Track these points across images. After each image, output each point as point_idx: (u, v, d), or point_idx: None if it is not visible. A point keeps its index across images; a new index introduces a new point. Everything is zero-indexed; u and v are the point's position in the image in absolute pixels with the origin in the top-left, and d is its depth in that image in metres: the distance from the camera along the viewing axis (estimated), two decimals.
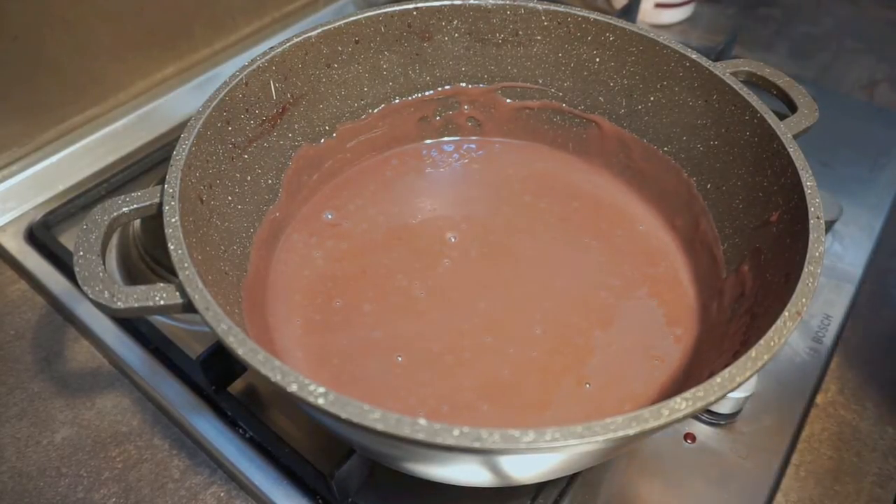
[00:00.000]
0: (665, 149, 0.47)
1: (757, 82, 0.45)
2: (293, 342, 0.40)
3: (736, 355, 0.30)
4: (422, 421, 0.25)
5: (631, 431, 0.25)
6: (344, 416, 0.25)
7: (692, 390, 0.27)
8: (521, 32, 0.47)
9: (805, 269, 0.32)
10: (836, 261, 0.54)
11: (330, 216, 0.47)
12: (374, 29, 0.46)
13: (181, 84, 0.63)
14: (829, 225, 0.53)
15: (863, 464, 0.43)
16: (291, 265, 0.44)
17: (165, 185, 0.34)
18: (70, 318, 0.49)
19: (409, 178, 0.51)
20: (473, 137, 0.53)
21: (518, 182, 0.50)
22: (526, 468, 0.33)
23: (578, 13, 0.46)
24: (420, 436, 0.25)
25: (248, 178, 0.42)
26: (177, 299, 0.31)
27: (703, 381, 0.27)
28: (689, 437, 0.43)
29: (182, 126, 0.37)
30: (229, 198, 0.40)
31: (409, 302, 0.43)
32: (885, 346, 0.50)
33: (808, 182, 0.36)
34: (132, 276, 0.51)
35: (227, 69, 0.66)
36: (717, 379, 0.27)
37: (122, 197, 0.34)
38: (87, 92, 0.58)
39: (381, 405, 0.25)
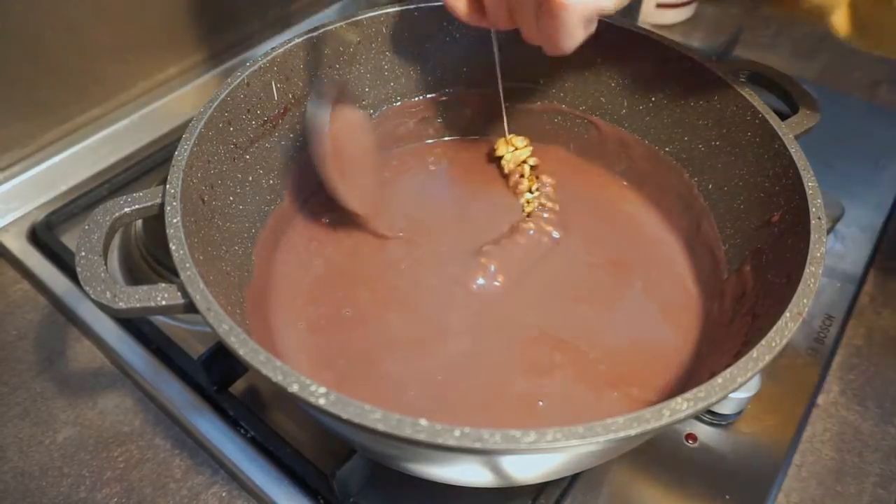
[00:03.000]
0: (666, 149, 0.47)
1: (758, 82, 0.45)
2: (296, 343, 0.41)
3: (737, 356, 0.30)
4: (423, 421, 0.25)
5: (632, 432, 0.25)
6: (345, 416, 0.25)
7: (693, 391, 0.27)
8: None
9: (806, 270, 0.32)
10: (837, 261, 0.54)
11: (332, 217, 0.47)
12: (376, 29, 0.46)
13: (183, 84, 0.64)
14: (831, 225, 0.53)
15: (864, 464, 0.43)
16: (293, 266, 0.44)
17: (167, 186, 0.34)
18: (72, 318, 0.49)
19: (410, 178, 0.51)
20: (474, 138, 0.53)
21: (545, 188, 0.50)
22: (527, 468, 0.33)
23: None
24: (421, 436, 0.25)
25: (250, 178, 0.42)
26: (178, 300, 0.31)
27: (705, 382, 0.27)
28: (691, 437, 0.43)
29: (184, 126, 0.37)
30: (231, 198, 0.40)
31: (411, 301, 0.43)
32: (886, 346, 0.50)
33: (810, 182, 0.36)
34: (134, 276, 0.51)
35: (229, 70, 0.66)
36: (719, 379, 0.27)
37: (124, 197, 0.35)
38: (89, 92, 0.58)
39: (383, 405, 0.25)
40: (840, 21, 0.36)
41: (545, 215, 0.48)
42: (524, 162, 0.49)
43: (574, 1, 0.31)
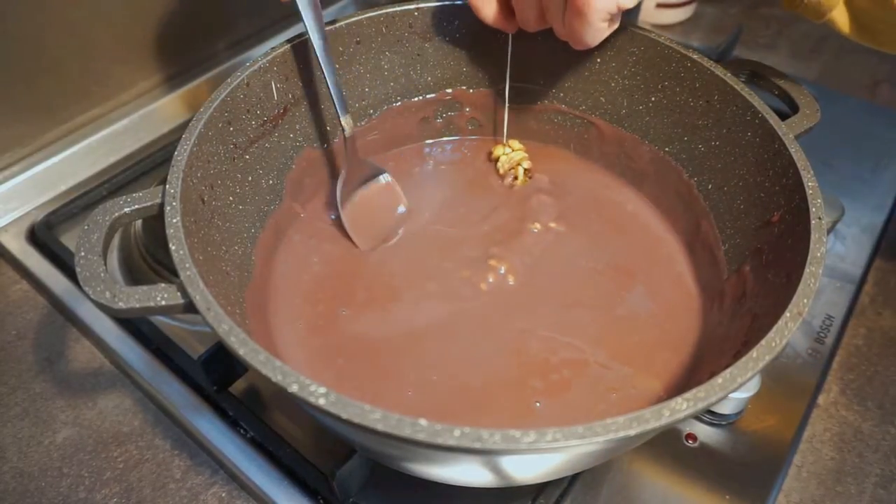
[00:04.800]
0: (666, 149, 0.47)
1: (758, 82, 0.45)
2: (295, 343, 0.40)
3: (737, 356, 0.30)
4: (422, 421, 0.25)
5: (632, 432, 0.25)
6: (345, 416, 0.25)
7: (693, 391, 0.27)
8: (522, 33, 0.47)
9: (806, 270, 0.32)
10: (837, 261, 0.54)
11: (332, 217, 0.47)
12: (376, 29, 0.46)
13: (182, 85, 0.64)
14: (831, 225, 0.53)
15: (865, 464, 0.43)
16: (294, 266, 0.44)
17: (167, 186, 0.34)
18: (71, 318, 0.49)
19: (410, 178, 0.51)
20: (474, 138, 0.53)
21: (541, 184, 0.50)
22: (527, 468, 0.33)
23: None
24: (421, 436, 0.25)
25: (250, 178, 0.42)
26: (178, 300, 0.31)
27: (704, 382, 0.27)
28: (691, 437, 0.43)
29: (183, 127, 0.37)
30: (230, 198, 0.40)
31: (413, 301, 0.43)
32: (886, 346, 0.50)
33: (810, 182, 0.36)
34: (133, 276, 0.51)
35: (229, 70, 0.66)
36: (718, 380, 0.27)
37: (124, 197, 0.35)
38: (89, 93, 0.58)
39: (384, 405, 0.25)
40: (840, 18, 0.37)
41: (545, 204, 0.48)
42: (518, 164, 0.50)
43: None
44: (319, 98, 0.46)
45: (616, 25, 0.38)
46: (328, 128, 0.48)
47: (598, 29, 0.36)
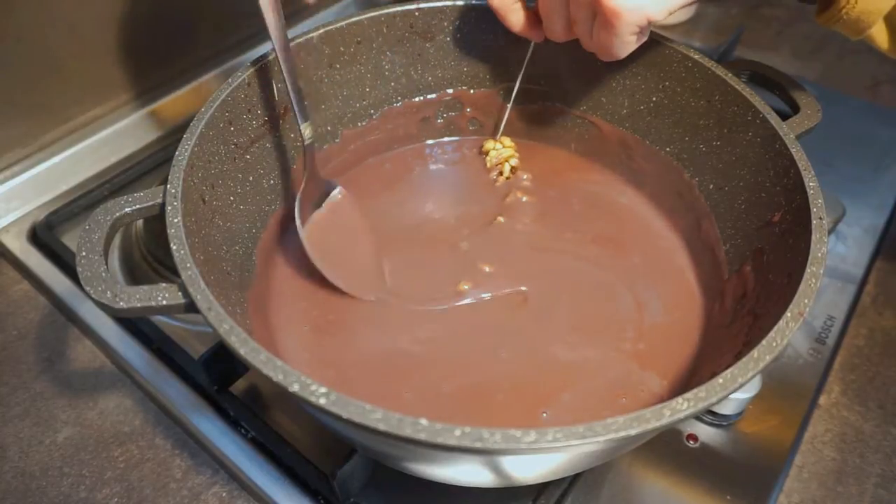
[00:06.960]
0: (667, 149, 0.47)
1: (760, 83, 0.45)
2: (297, 343, 0.40)
3: (738, 356, 0.29)
4: (423, 421, 0.25)
5: (632, 431, 0.25)
6: (345, 415, 0.25)
7: (694, 391, 0.27)
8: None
9: (807, 270, 0.32)
10: (839, 262, 0.54)
11: None
12: (377, 29, 0.46)
13: (183, 85, 0.64)
14: (832, 225, 0.53)
15: (866, 465, 0.43)
16: (295, 266, 0.44)
17: (168, 186, 0.34)
18: (72, 318, 0.49)
19: (411, 179, 0.51)
20: (475, 138, 0.53)
21: (521, 182, 0.50)
22: (528, 468, 0.33)
23: None
24: (421, 436, 0.25)
25: (251, 178, 0.42)
26: (179, 299, 0.31)
27: (705, 382, 0.27)
28: (692, 437, 0.43)
29: (184, 126, 0.37)
30: (231, 198, 0.40)
31: (411, 303, 0.43)
32: (888, 346, 0.50)
33: (811, 182, 0.36)
34: (134, 276, 0.51)
35: (230, 70, 0.66)
36: (719, 380, 0.27)
37: (125, 197, 0.35)
38: (90, 93, 0.58)
39: (384, 405, 0.25)
40: (879, 35, 0.36)
41: (523, 199, 0.49)
42: (507, 160, 0.50)
43: (626, 11, 0.33)
44: (320, 98, 0.46)
45: (644, 38, 0.36)
46: (329, 128, 0.48)
47: (626, 42, 0.35)
